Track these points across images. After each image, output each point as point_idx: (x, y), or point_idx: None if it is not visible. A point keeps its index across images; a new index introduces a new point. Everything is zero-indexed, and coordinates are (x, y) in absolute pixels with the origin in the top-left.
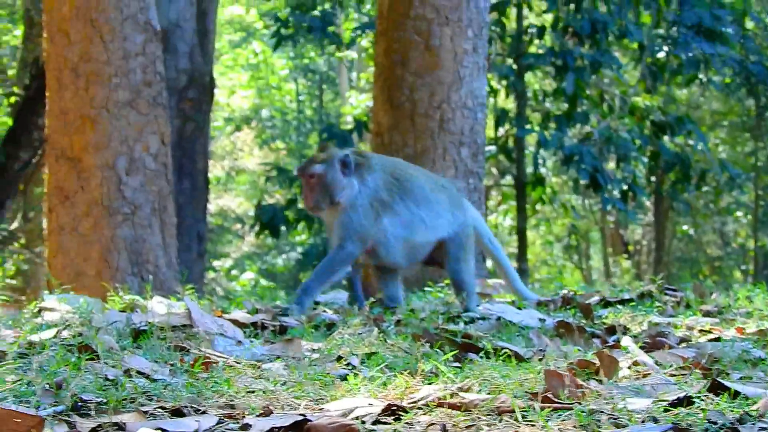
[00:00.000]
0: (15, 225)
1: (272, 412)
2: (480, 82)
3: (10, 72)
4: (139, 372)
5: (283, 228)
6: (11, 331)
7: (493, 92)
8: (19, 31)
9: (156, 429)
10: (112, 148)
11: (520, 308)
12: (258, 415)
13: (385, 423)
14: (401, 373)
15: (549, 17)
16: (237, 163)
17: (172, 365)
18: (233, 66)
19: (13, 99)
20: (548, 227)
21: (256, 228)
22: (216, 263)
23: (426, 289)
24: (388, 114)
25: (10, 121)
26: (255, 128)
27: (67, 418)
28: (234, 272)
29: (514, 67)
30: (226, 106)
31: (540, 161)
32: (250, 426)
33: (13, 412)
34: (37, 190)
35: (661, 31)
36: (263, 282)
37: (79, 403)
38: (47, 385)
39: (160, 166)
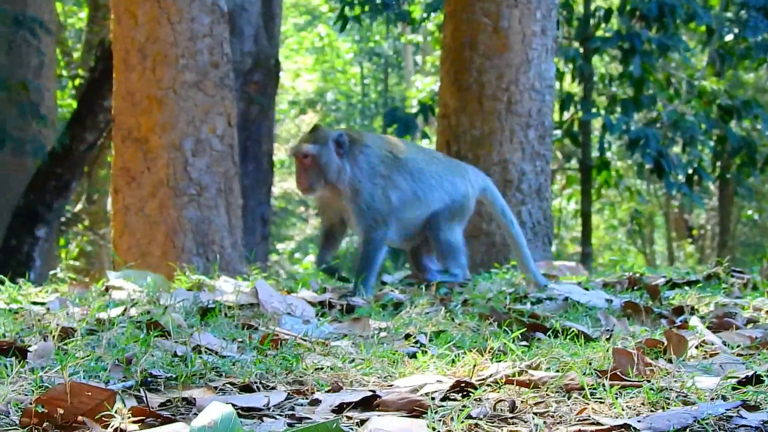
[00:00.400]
0: (79, 207)
1: (341, 388)
2: (548, 64)
3: (75, 54)
4: (207, 349)
5: None
6: (79, 309)
7: (559, 75)
8: (84, 14)
9: (226, 403)
10: (178, 129)
11: (587, 289)
12: (327, 391)
13: (453, 399)
14: (470, 351)
15: (616, 0)
16: None
17: (241, 342)
18: (298, 49)
19: (78, 81)
20: (612, 211)
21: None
22: (279, 246)
23: (492, 270)
24: (455, 96)
25: (75, 103)
26: (320, 111)
27: (136, 393)
28: (297, 255)
29: (581, 50)
30: (291, 90)
31: (605, 145)
32: (320, 401)
33: (85, 386)
34: (101, 172)
35: (729, 14)
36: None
37: (149, 379)
38: (117, 361)
39: (227, 147)
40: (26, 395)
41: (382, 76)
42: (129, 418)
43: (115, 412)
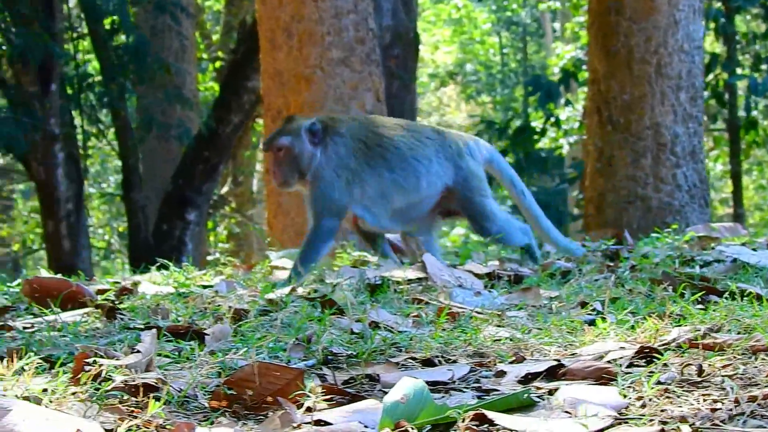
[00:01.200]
0: (225, 189)
1: (524, 359)
2: (696, 24)
3: (214, 37)
4: (384, 325)
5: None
6: (246, 291)
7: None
8: None
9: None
10: (327, 107)
11: (754, 250)
12: (511, 362)
13: (638, 365)
14: (650, 316)
15: None
16: (444, 119)
17: (416, 317)
18: (436, 21)
19: (218, 63)
20: (761, 171)
21: None
22: None
23: (653, 234)
24: (603, 61)
25: (216, 86)
26: (460, 83)
27: (318, 371)
28: (444, 228)
29: (723, 9)
30: (430, 62)
31: (752, 104)
32: (505, 373)
33: (273, 366)
34: (246, 153)
35: None
36: (474, 237)
37: (330, 357)
38: (297, 340)
39: None
40: (210, 378)
41: (521, 45)
42: (321, 396)
43: (309, 391)
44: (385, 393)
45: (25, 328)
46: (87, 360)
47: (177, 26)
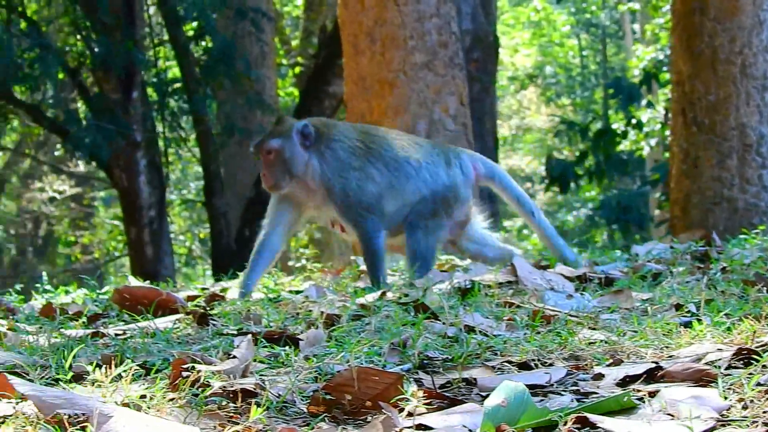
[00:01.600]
0: None
1: (621, 362)
2: None
3: (294, 42)
4: (478, 329)
5: (573, 185)
6: (336, 296)
7: None
8: (300, 1)
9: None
10: (411, 111)
11: None
12: (607, 365)
13: (736, 367)
14: (746, 318)
15: None
16: (524, 121)
17: (510, 320)
18: (515, 24)
19: (297, 69)
20: None
21: (546, 182)
22: (507, 223)
23: (741, 235)
24: (688, 62)
25: (296, 92)
26: (539, 86)
27: (414, 376)
28: (525, 232)
29: None
30: (510, 65)
31: None
32: (603, 376)
33: (372, 370)
34: None
35: None
36: None
37: (425, 361)
38: (391, 345)
39: (460, 126)
40: (307, 383)
41: (601, 47)
42: (422, 400)
43: (411, 395)
44: (483, 397)
45: (117, 335)
46: (184, 366)
47: (258, 32)
